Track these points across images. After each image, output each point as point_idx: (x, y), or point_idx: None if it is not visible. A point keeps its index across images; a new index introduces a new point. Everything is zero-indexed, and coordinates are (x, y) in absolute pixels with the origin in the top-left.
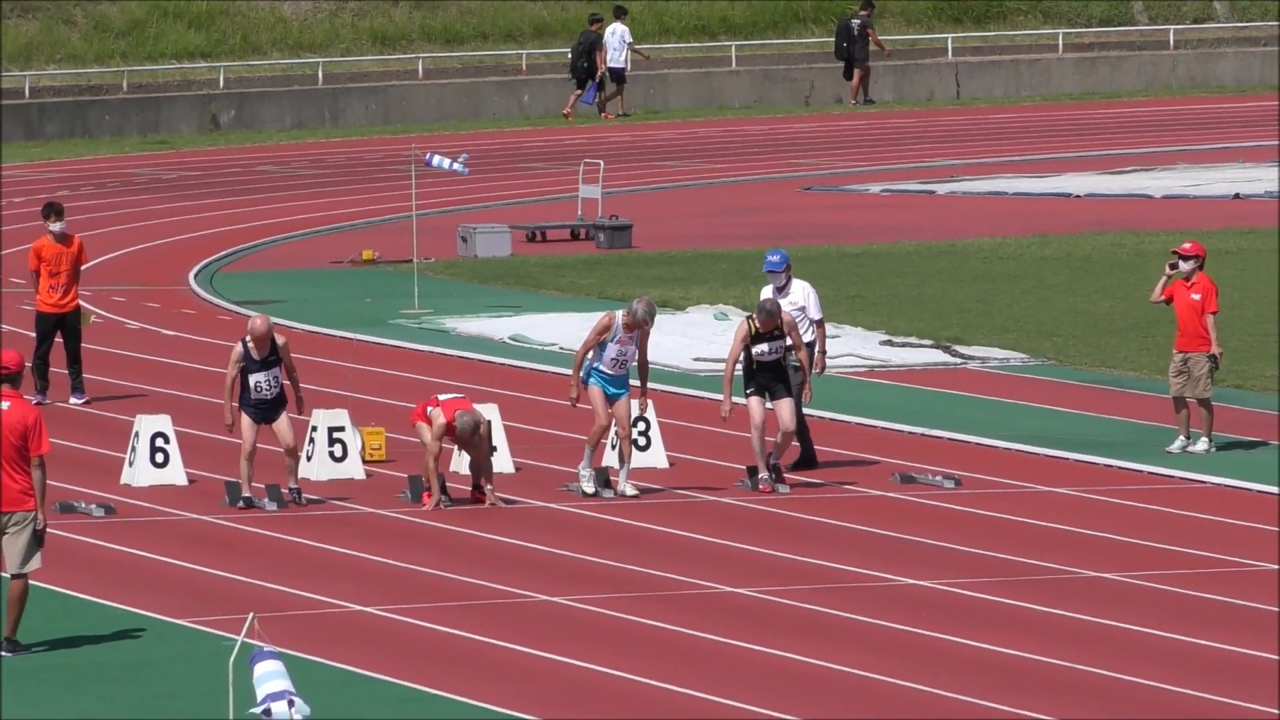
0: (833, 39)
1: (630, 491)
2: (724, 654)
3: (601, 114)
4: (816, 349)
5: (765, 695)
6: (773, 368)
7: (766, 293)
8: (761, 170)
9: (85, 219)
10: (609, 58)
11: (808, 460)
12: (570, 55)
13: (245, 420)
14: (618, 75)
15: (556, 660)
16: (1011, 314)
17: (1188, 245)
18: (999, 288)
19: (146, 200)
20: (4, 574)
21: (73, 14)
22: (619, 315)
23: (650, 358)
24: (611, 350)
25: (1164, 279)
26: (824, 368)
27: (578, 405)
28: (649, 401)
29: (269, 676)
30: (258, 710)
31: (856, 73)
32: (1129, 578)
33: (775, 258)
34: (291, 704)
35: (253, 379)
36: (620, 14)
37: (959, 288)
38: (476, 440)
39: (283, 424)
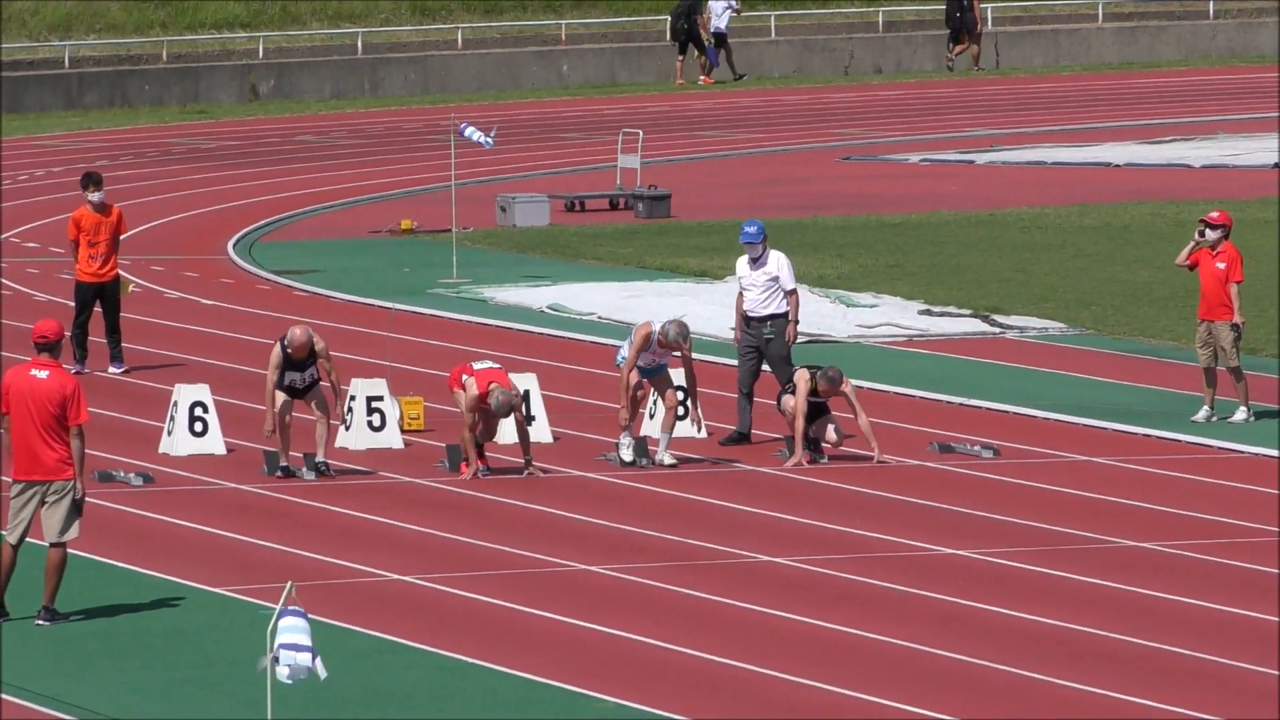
0: (872, 9)
1: (668, 461)
2: (762, 623)
3: (701, 79)
4: (790, 318)
5: (803, 664)
6: (817, 404)
7: (742, 264)
8: (800, 140)
9: (124, 189)
10: (713, 21)
11: (743, 436)
12: (670, 19)
13: (280, 396)
14: (719, 38)
15: (594, 629)
16: (1050, 283)
17: (1215, 214)
18: (1038, 257)
19: (185, 170)
20: (43, 542)
21: None
22: (655, 327)
23: (689, 327)
24: (644, 358)
25: (1191, 245)
26: (795, 337)
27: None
28: (702, 422)
29: (291, 629)
30: (269, 658)
31: (964, 40)
32: (1167, 547)
33: (752, 229)
34: (313, 658)
35: (288, 376)
36: None
37: (998, 257)
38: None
39: (316, 397)
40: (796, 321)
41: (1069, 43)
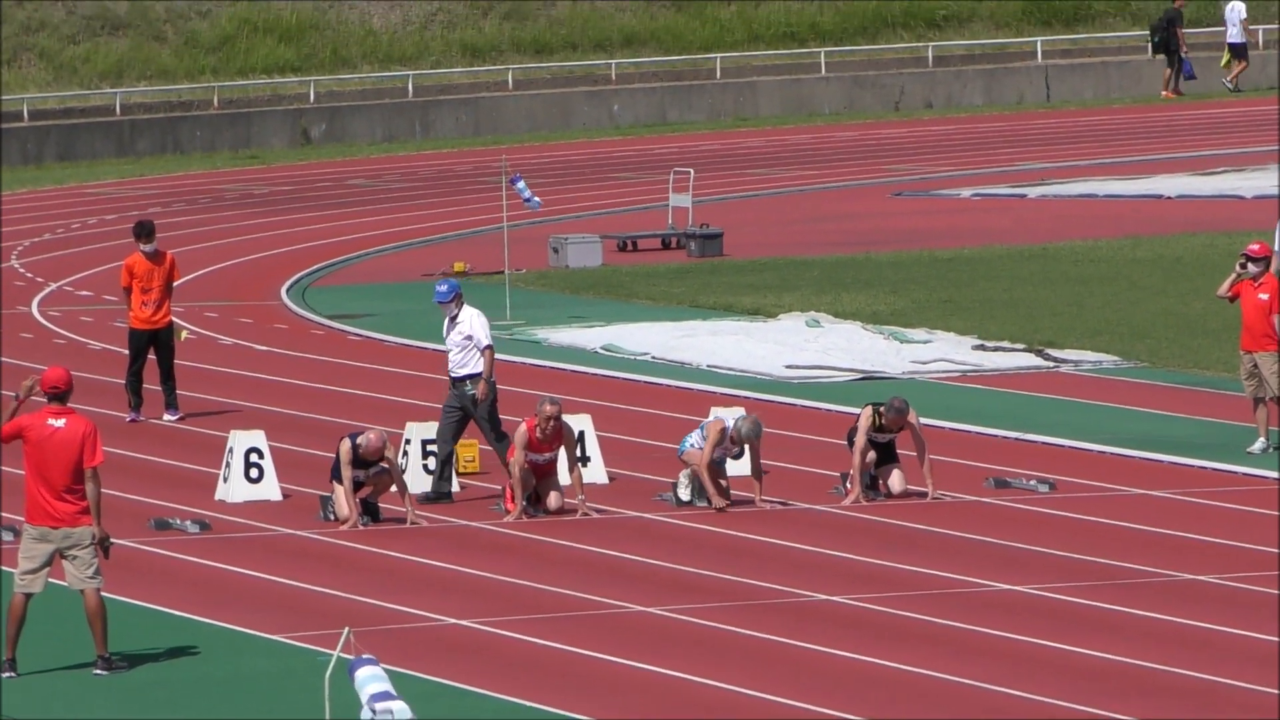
0: (922, 44)
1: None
2: (822, 662)
3: (1230, 88)
4: (483, 376)
5: (861, 703)
6: (885, 446)
7: (446, 324)
8: (852, 176)
9: (177, 235)
10: (1228, 34)
11: (442, 495)
12: (1149, 33)
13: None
14: (1239, 50)
15: (652, 671)
16: (1104, 316)
17: (1255, 246)
18: (1091, 290)
19: (238, 216)
20: (74, 588)
21: (163, 30)
22: (728, 424)
23: (743, 366)
24: (715, 452)
25: (1232, 276)
26: (485, 394)
27: (728, 507)
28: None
29: (370, 679)
30: (367, 714)
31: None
32: (1225, 580)
33: (443, 288)
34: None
35: (354, 473)
36: None
37: (1051, 291)
38: (558, 435)
39: (383, 481)
40: (489, 380)
41: (1119, 75)
